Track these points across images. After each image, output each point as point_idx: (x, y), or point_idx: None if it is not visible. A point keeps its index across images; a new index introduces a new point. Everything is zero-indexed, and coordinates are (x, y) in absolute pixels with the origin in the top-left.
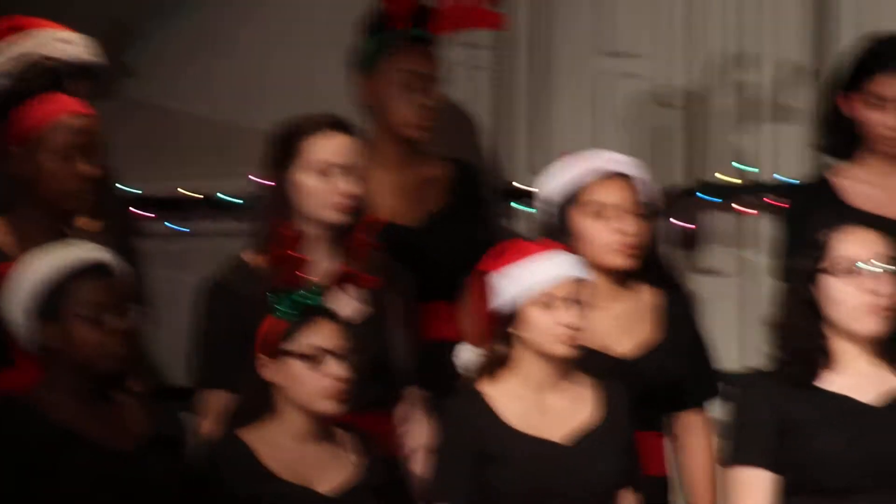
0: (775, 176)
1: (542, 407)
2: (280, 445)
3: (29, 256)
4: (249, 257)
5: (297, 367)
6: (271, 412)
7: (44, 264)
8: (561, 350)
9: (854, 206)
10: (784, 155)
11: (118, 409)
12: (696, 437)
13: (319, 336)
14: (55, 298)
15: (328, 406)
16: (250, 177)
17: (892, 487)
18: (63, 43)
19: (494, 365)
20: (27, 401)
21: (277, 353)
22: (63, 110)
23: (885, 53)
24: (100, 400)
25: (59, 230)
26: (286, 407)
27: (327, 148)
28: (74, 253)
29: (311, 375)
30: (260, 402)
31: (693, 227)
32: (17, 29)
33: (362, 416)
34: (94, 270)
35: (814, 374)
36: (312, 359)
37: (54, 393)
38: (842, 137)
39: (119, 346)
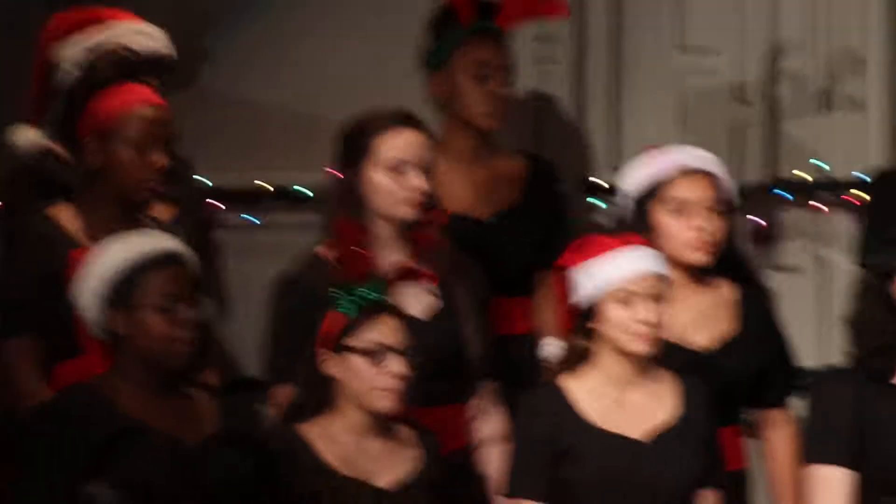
0: (853, 173)
1: (621, 403)
2: (338, 440)
3: (103, 244)
4: (322, 251)
5: (357, 362)
6: (331, 407)
7: (117, 253)
8: (639, 347)
9: None
10: (862, 151)
11: (188, 403)
12: (780, 434)
13: (380, 332)
14: (127, 287)
15: (385, 403)
16: (327, 170)
17: None
18: (138, 34)
19: (574, 360)
20: (95, 389)
21: (338, 348)
22: (137, 101)
23: None
24: (169, 392)
25: (131, 219)
26: (345, 402)
27: (398, 145)
28: (148, 242)
29: (370, 371)
30: (320, 396)
31: (769, 223)
32: (95, 20)
33: (434, 410)
34: (166, 260)
35: (892, 370)
36: (372, 355)
37: (123, 383)
38: None
39: (189, 338)
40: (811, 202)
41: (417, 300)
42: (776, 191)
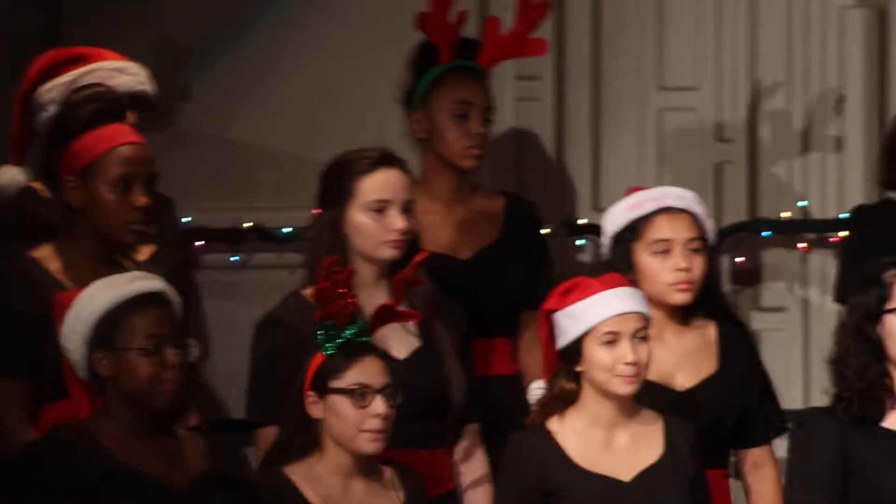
0: (839, 217)
1: (607, 444)
2: (324, 482)
3: (88, 286)
4: (305, 292)
5: (342, 404)
6: (316, 448)
7: (101, 294)
8: (624, 388)
9: None
10: (847, 191)
11: (174, 444)
12: (761, 474)
13: (364, 373)
14: (112, 329)
15: (370, 445)
16: (311, 210)
17: None
18: (118, 72)
19: (560, 402)
20: (81, 432)
21: (323, 390)
22: (117, 140)
23: None
24: (156, 434)
25: (112, 260)
26: (330, 444)
27: (379, 185)
28: (133, 283)
29: (355, 413)
30: (305, 438)
31: (750, 262)
32: (78, 59)
33: (418, 452)
34: (151, 301)
35: (877, 412)
36: (357, 396)
37: (109, 425)
38: None
39: (175, 379)
40: (792, 241)
41: (399, 340)
42: (755, 231)
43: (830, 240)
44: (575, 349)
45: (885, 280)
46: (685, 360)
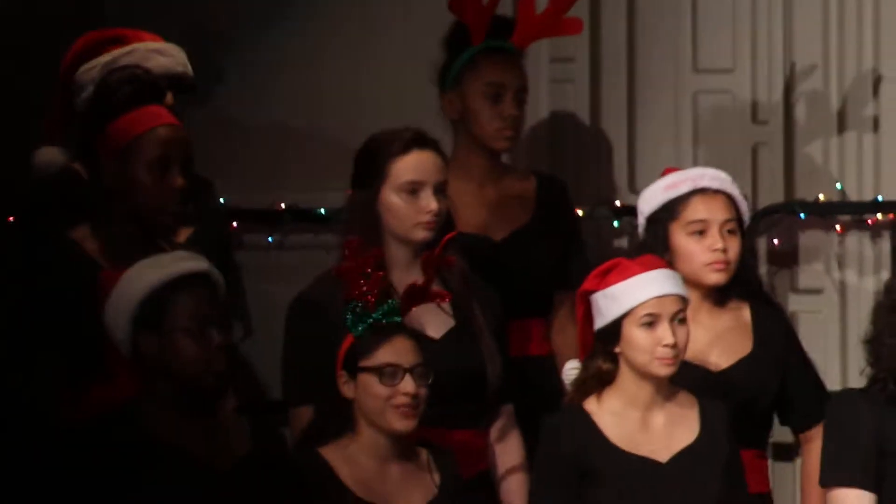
0: (876, 198)
1: (644, 425)
2: (359, 464)
3: (134, 265)
4: (338, 272)
5: (372, 383)
6: (351, 429)
7: (148, 274)
8: (662, 370)
9: None
10: (884, 172)
11: (217, 426)
12: (814, 446)
13: (394, 352)
14: (158, 309)
15: (401, 423)
16: (346, 192)
17: None
18: (156, 54)
19: (596, 383)
20: (125, 413)
21: (353, 369)
22: (155, 121)
23: None
24: (199, 414)
25: (150, 241)
26: (364, 424)
27: (412, 166)
28: (178, 263)
29: (385, 392)
30: (340, 419)
31: (785, 244)
32: (117, 41)
33: (452, 433)
34: (196, 282)
35: None
36: (386, 375)
37: (153, 406)
38: None
39: (220, 360)
40: (828, 223)
41: (434, 320)
42: (793, 212)
43: (868, 222)
44: (613, 330)
45: None
46: (720, 340)
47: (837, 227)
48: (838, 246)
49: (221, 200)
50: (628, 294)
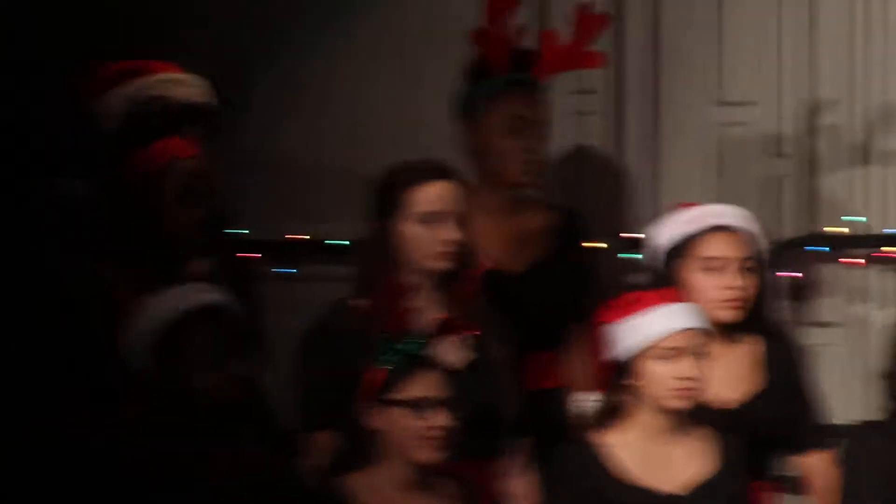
0: (885, 231)
1: (657, 458)
2: (383, 493)
3: (153, 297)
4: (353, 303)
5: (399, 415)
6: (376, 459)
7: (166, 305)
8: (678, 403)
9: None
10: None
11: (233, 454)
12: (822, 477)
13: (421, 385)
14: (173, 339)
15: (428, 454)
16: (365, 222)
17: None
18: (176, 84)
19: (609, 415)
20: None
21: (381, 401)
22: (175, 152)
23: None
24: (216, 443)
25: (170, 272)
26: (389, 455)
27: (430, 197)
28: (197, 296)
29: (412, 424)
30: (364, 449)
31: (805, 278)
32: (136, 72)
33: (467, 464)
34: (212, 313)
35: None
36: (414, 407)
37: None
38: None
39: (235, 389)
40: (849, 256)
41: (453, 351)
42: (812, 246)
43: (884, 255)
44: (632, 363)
45: None
46: (733, 375)
47: (859, 260)
48: (859, 279)
49: (242, 231)
50: (650, 326)
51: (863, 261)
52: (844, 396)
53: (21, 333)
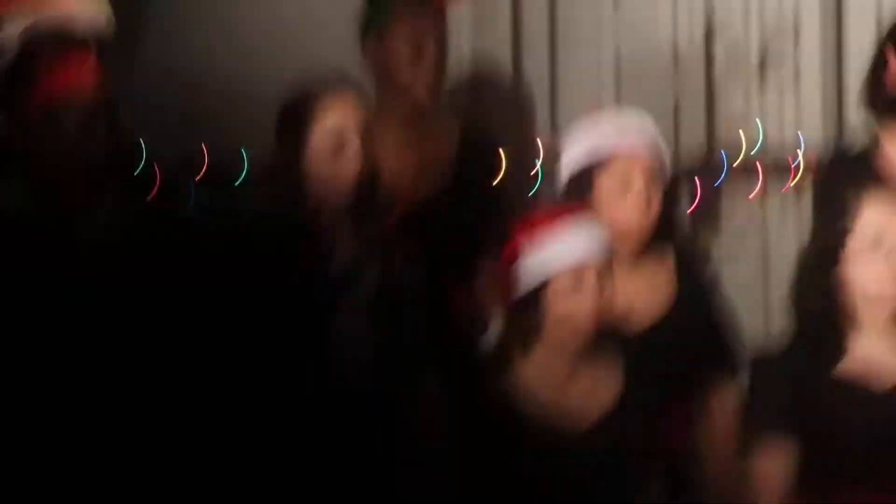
0: (793, 139)
1: (565, 388)
2: None
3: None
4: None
5: None
6: None
7: None
8: (586, 329)
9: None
10: (805, 123)
11: None
12: (720, 406)
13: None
14: None
15: None
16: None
17: None
18: (72, 12)
19: (519, 341)
20: None
21: None
22: (74, 80)
23: None
24: None
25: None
26: None
27: (338, 112)
28: None
29: None
30: None
31: (709, 190)
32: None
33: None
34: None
35: (835, 348)
36: None
37: None
38: (888, 94)
39: None
40: (748, 170)
41: (371, 281)
42: (715, 162)
43: (790, 167)
44: (538, 289)
45: (847, 211)
46: (644, 291)
47: (758, 171)
48: (760, 198)
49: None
50: (552, 254)
51: (776, 174)
52: (759, 316)
53: None
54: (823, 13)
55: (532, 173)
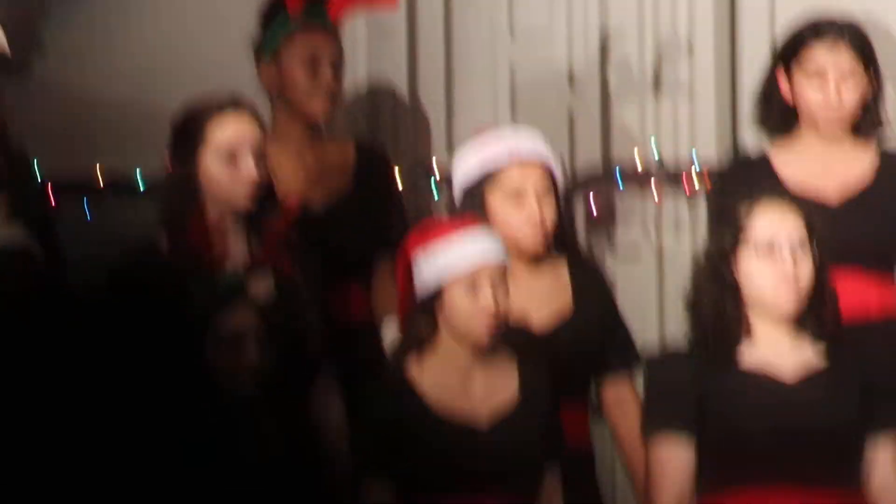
0: (686, 156)
1: (463, 388)
2: None
3: None
4: (159, 242)
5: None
6: None
7: None
8: (482, 334)
9: (786, 185)
10: (699, 137)
11: None
12: (624, 409)
13: (237, 320)
14: None
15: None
16: (165, 160)
17: (809, 462)
18: None
19: (415, 346)
20: None
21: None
22: None
23: (823, 24)
24: None
25: None
26: None
27: (231, 131)
28: None
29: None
30: None
31: (603, 207)
32: None
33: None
34: (13, 256)
35: (732, 354)
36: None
37: None
38: (779, 112)
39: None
40: (643, 186)
41: (262, 289)
42: (610, 175)
43: (685, 186)
44: (434, 295)
45: (740, 220)
46: (538, 299)
47: (653, 189)
48: (655, 208)
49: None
50: (449, 257)
51: (655, 191)
52: (644, 325)
53: None
54: (717, 31)
55: (428, 192)
